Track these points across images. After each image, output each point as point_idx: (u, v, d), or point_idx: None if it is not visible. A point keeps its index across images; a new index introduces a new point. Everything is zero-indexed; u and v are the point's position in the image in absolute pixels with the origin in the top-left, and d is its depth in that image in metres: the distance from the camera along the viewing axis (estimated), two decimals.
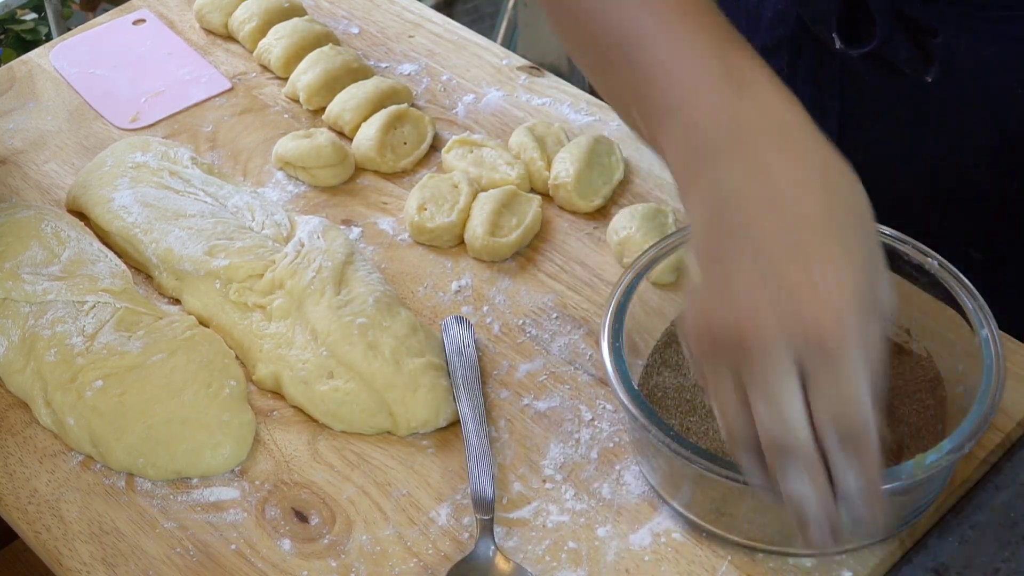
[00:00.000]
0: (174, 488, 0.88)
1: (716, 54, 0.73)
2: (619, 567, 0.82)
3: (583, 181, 1.05)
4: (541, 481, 0.87)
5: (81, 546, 0.85)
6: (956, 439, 0.76)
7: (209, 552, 0.84)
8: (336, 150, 1.08)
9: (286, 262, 0.97)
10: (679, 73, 0.74)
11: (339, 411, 0.90)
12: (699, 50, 0.74)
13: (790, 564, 0.81)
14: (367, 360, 0.90)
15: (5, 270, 0.96)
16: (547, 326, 0.97)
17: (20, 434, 0.92)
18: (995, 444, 0.86)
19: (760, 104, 0.71)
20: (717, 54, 0.73)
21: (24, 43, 2.37)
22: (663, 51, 0.75)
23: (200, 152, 1.12)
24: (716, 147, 0.71)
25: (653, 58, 0.75)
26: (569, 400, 0.91)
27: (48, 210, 1.04)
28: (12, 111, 1.18)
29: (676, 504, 0.83)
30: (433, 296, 1.00)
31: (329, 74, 1.15)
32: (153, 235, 1.00)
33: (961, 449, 0.76)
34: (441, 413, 0.90)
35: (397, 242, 1.04)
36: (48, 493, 0.88)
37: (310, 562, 0.83)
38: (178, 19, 1.28)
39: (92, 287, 0.96)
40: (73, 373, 0.91)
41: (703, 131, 0.72)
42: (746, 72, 0.73)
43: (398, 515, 0.85)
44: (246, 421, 0.90)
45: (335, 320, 0.92)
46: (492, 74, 1.19)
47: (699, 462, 0.76)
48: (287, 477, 0.88)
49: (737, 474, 0.75)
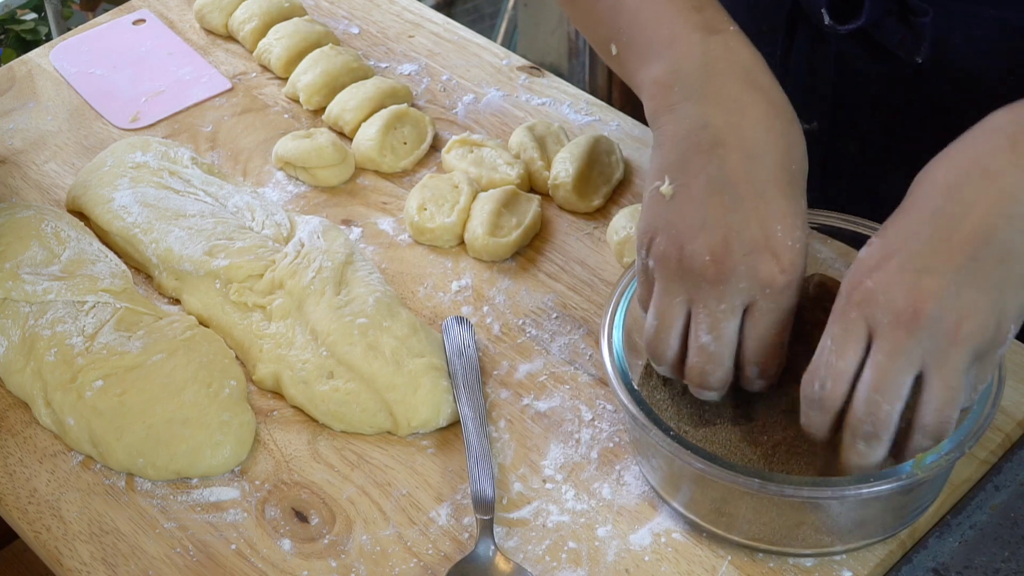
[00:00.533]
0: (174, 488, 0.88)
1: (694, 6, 0.83)
2: (619, 567, 0.82)
3: (583, 181, 1.05)
4: (541, 481, 0.87)
5: (81, 546, 0.85)
6: (956, 439, 0.76)
7: (209, 552, 0.84)
8: (336, 150, 1.08)
9: (286, 262, 0.97)
10: (663, 19, 0.83)
11: (339, 411, 0.90)
12: (679, 2, 0.84)
13: (790, 564, 0.81)
14: (367, 360, 0.90)
15: (5, 270, 0.96)
16: (547, 326, 0.97)
17: (20, 434, 0.92)
18: (995, 444, 0.86)
19: (731, 50, 0.81)
20: (695, 6, 0.83)
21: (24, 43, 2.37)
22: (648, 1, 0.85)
23: (200, 152, 1.12)
24: (692, 82, 0.80)
25: (639, 4, 0.85)
26: (569, 400, 0.91)
27: (48, 210, 1.04)
28: (12, 111, 1.18)
29: (676, 504, 0.83)
30: (433, 296, 1.00)
31: (329, 74, 1.15)
32: (153, 235, 1.00)
33: (961, 449, 0.76)
34: (441, 413, 0.90)
35: (397, 242, 1.04)
36: (48, 493, 0.88)
37: (310, 562, 0.83)
38: (178, 19, 1.28)
39: (92, 287, 0.96)
40: (73, 373, 0.91)
41: (682, 69, 0.81)
42: (719, 23, 0.83)
43: (398, 515, 0.85)
44: (246, 421, 0.90)
45: (335, 320, 0.92)
46: (492, 74, 1.19)
47: (699, 462, 0.76)
48: (287, 477, 0.88)
49: (738, 475, 0.76)
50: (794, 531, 0.80)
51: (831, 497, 0.76)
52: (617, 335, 0.84)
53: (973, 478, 0.85)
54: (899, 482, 0.75)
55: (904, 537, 0.82)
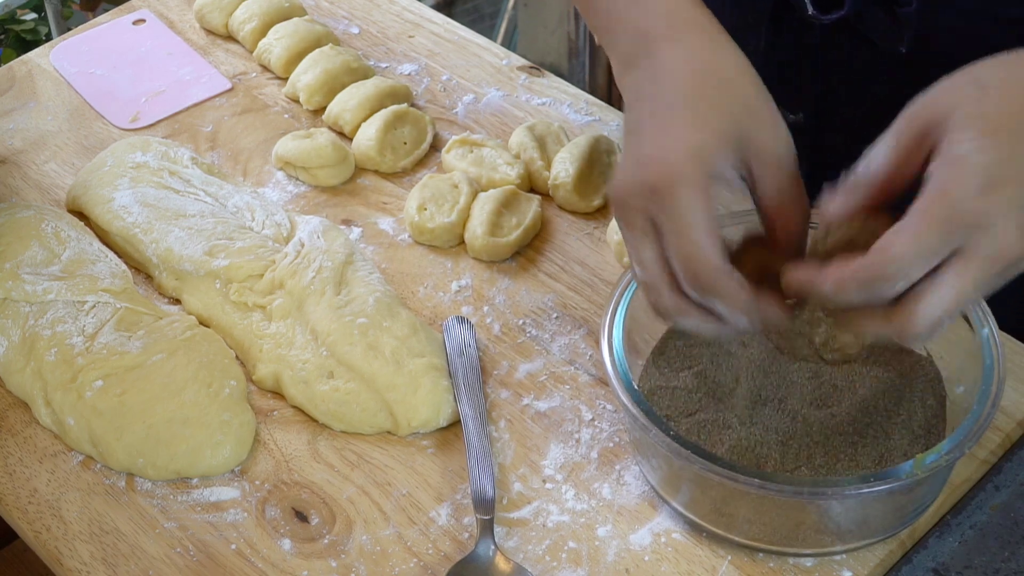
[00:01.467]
0: (174, 488, 0.88)
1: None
2: (619, 567, 0.82)
3: (583, 181, 1.05)
4: (541, 481, 0.87)
5: (81, 546, 0.85)
6: (956, 439, 0.76)
7: (209, 552, 0.84)
8: (336, 150, 1.08)
9: (286, 262, 0.97)
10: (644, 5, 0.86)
11: (339, 411, 0.90)
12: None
13: (790, 564, 0.81)
14: (367, 360, 0.90)
15: (5, 270, 0.96)
16: (547, 326, 0.97)
17: (20, 434, 0.92)
18: (995, 444, 0.86)
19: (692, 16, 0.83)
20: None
21: (24, 43, 2.37)
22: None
23: (200, 152, 1.12)
24: (651, 39, 0.82)
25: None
26: (569, 400, 0.91)
27: (48, 210, 1.04)
28: (12, 111, 1.18)
29: (676, 504, 0.83)
30: (433, 296, 1.00)
31: (329, 74, 1.15)
32: (153, 235, 1.00)
33: (961, 449, 0.76)
34: (441, 413, 0.90)
35: (397, 242, 1.04)
36: (48, 493, 0.88)
37: (310, 562, 0.83)
38: (178, 19, 1.28)
39: (92, 287, 0.96)
40: (73, 373, 0.91)
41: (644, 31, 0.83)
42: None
43: (398, 515, 0.85)
44: (246, 421, 0.90)
45: (335, 320, 0.92)
46: (492, 74, 1.19)
47: (699, 462, 0.76)
48: (287, 477, 0.88)
49: (737, 474, 0.76)
50: (794, 531, 0.80)
51: (831, 496, 0.76)
52: (617, 334, 0.83)
53: (973, 478, 0.85)
54: (899, 482, 0.75)
55: (904, 537, 0.82)
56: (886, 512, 0.80)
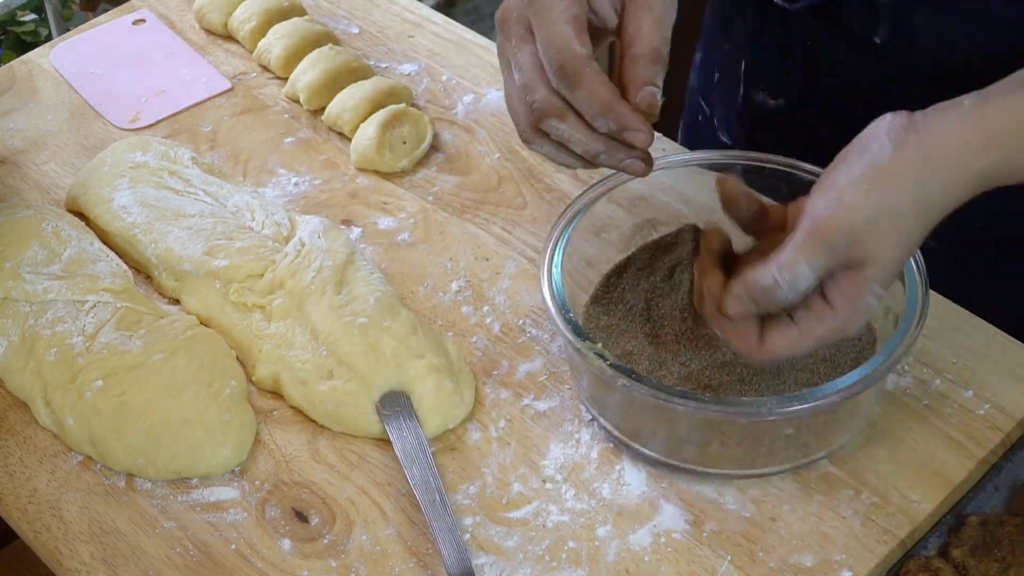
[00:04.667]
0: (174, 488, 0.88)
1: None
2: (619, 567, 0.82)
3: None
4: (541, 481, 0.87)
5: (81, 546, 0.85)
6: (872, 365, 0.81)
7: (209, 552, 0.84)
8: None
9: (286, 262, 0.97)
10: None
11: (338, 412, 0.90)
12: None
13: (790, 564, 0.81)
14: (368, 360, 0.90)
15: (5, 270, 0.96)
16: (547, 326, 0.97)
17: (20, 434, 0.92)
18: (995, 444, 0.86)
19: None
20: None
21: (24, 45, 2.37)
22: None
23: (200, 152, 1.12)
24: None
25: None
26: (569, 400, 0.91)
27: (49, 210, 1.04)
28: (12, 111, 1.18)
29: (638, 446, 0.86)
30: (433, 296, 1.00)
31: (329, 74, 1.15)
32: (153, 235, 1.00)
33: (876, 376, 0.80)
34: (450, 418, 0.89)
35: (397, 242, 1.04)
36: (48, 493, 0.88)
37: (310, 562, 0.83)
38: (178, 19, 1.28)
39: (93, 286, 0.96)
40: (73, 373, 0.91)
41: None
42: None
43: (398, 515, 0.85)
44: (246, 421, 0.90)
45: (336, 320, 0.92)
46: (492, 74, 1.19)
47: (633, 385, 0.80)
48: (287, 477, 0.88)
49: (674, 398, 0.80)
50: (764, 448, 0.84)
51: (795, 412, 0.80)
52: (556, 273, 0.88)
53: (973, 478, 0.85)
54: (817, 402, 0.79)
55: (904, 537, 0.82)
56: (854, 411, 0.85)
